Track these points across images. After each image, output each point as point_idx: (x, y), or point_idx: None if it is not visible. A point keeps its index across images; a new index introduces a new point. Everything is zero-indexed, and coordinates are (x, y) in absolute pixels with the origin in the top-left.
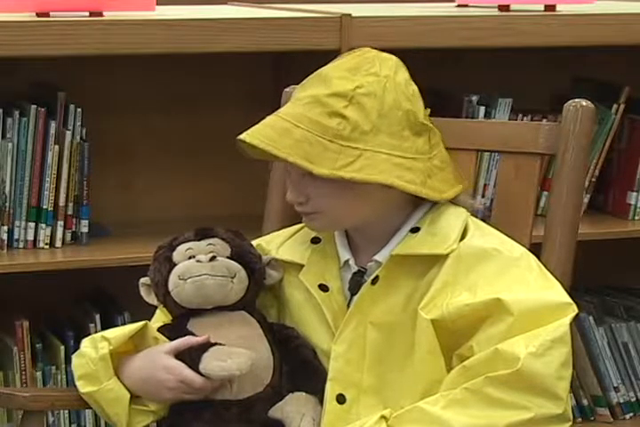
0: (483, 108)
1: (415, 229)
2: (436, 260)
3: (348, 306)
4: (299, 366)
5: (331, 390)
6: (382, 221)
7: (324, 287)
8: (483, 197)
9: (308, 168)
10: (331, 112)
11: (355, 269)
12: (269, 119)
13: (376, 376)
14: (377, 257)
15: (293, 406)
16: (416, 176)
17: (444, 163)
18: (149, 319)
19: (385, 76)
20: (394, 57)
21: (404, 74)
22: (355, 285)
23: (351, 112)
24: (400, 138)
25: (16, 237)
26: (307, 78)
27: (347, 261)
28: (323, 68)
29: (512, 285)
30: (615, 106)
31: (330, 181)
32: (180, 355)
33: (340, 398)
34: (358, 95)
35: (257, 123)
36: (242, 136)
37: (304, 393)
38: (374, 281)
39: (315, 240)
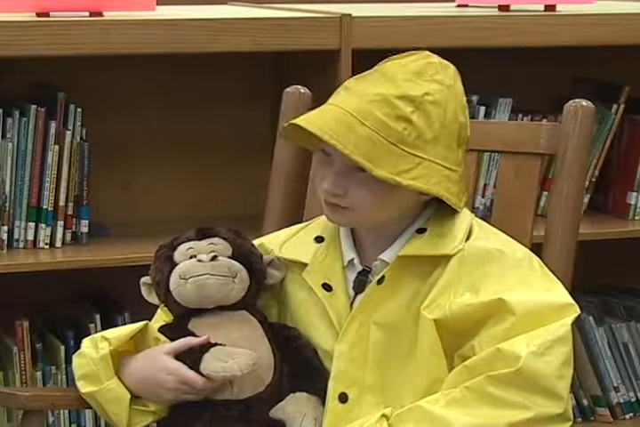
0: (483, 108)
1: (421, 230)
2: (440, 260)
3: (352, 305)
4: (300, 366)
5: (333, 389)
6: (391, 222)
7: (327, 287)
8: (483, 197)
9: (370, 169)
10: (398, 115)
11: (359, 268)
12: (331, 109)
13: (378, 375)
14: (383, 257)
15: (295, 406)
16: (456, 188)
17: (464, 172)
18: (150, 319)
19: (448, 85)
20: (452, 65)
21: (460, 83)
22: (359, 284)
23: (417, 118)
24: (450, 149)
25: (16, 237)
26: (364, 73)
27: (351, 261)
28: (383, 65)
29: (515, 285)
30: (615, 106)
31: (374, 181)
32: (180, 356)
33: (342, 397)
34: (426, 102)
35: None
36: (304, 124)
37: (305, 393)
38: (380, 281)
39: (318, 239)
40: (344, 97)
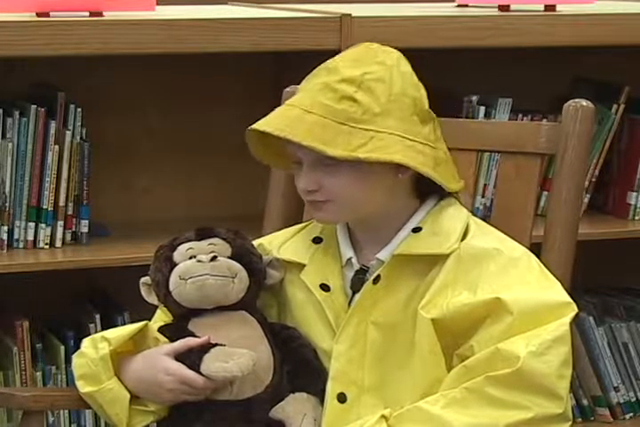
0: (483, 108)
1: (417, 229)
2: (437, 259)
3: (350, 305)
4: (299, 367)
5: (331, 390)
6: (386, 219)
7: (325, 287)
8: (483, 197)
9: (324, 150)
10: (341, 97)
11: (357, 267)
12: (279, 109)
13: (377, 375)
14: (379, 256)
15: (294, 407)
16: (427, 160)
17: (447, 157)
18: (149, 319)
19: (390, 65)
20: (396, 51)
21: (407, 66)
22: (357, 283)
23: (361, 96)
24: (409, 122)
25: (16, 237)
26: (311, 73)
27: (349, 260)
28: (327, 61)
29: (512, 284)
30: (615, 106)
31: (343, 168)
32: (180, 356)
33: (341, 398)
34: (367, 80)
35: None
36: (253, 126)
37: (305, 393)
38: (376, 280)
39: (316, 240)
40: (295, 97)
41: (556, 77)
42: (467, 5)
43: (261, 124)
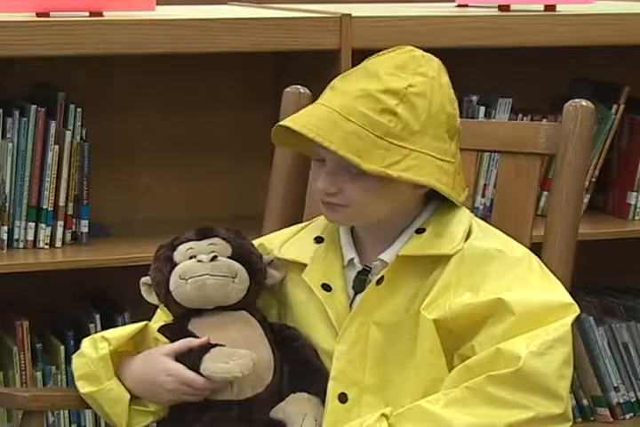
0: (483, 108)
1: (421, 230)
2: (440, 260)
3: (351, 305)
4: (300, 367)
5: (332, 390)
6: (390, 222)
7: (326, 287)
8: (483, 197)
9: (359, 164)
10: (383, 108)
11: (359, 267)
12: (316, 108)
13: (378, 375)
14: (383, 256)
15: (295, 407)
16: (450, 179)
17: (461, 168)
18: (149, 319)
19: (432, 77)
20: (436, 58)
21: (446, 76)
22: (359, 283)
23: (403, 110)
24: (441, 140)
25: (16, 237)
26: (349, 71)
27: (351, 260)
28: (367, 62)
29: (514, 285)
30: (615, 106)
31: (367, 177)
32: (180, 357)
33: (342, 398)
34: (410, 94)
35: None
36: (289, 123)
37: (306, 394)
38: (379, 282)
39: (318, 240)
40: (329, 96)
41: (556, 77)
42: (467, 5)
43: (297, 123)
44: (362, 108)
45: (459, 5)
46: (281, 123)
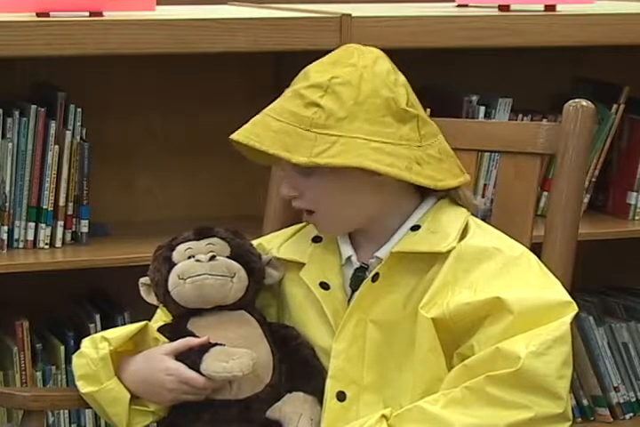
0: (483, 108)
1: (415, 227)
2: (437, 258)
3: (349, 303)
4: (298, 366)
5: (331, 388)
6: (384, 220)
7: (324, 285)
8: (483, 197)
9: (287, 157)
10: (307, 103)
11: (357, 265)
12: (256, 118)
13: (376, 374)
14: (378, 254)
15: (291, 407)
16: (399, 161)
17: (444, 154)
18: (149, 319)
19: (363, 66)
20: (376, 50)
21: (384, 64)
22: (356, 281)
23: (327, 101)
24: (381, 124)
25: (16, 237)
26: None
27: (349, 258)
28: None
29: (512, 283)
30: (615, 106)
31: (317, 175)
32: (179, 356)
33: (340, 396)
34: (334, 85)
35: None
36: (232, 136)
37: (302, 393)
38: (374, 278)
39: (316, 239)
40: (272, 104)
41: (556, 77)
42: (467, 5)
43: (238, 134)
44: (289, 106)
45: (458, 5)
46: (231, 137)
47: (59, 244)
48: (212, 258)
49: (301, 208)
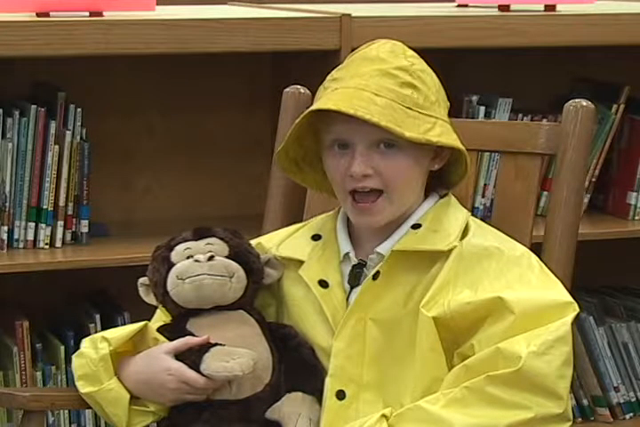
0: (483, 108)
1: (417, 226)
2: (438, 257)
3: (348, 300)
4: (297, 366)
5: (330, 387)
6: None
7: (323, 283)
8: (483, 197)
9: (401, 132)
10: (402, 83)
11: (355, 261)
12: (340, 92)
13: (376, 373)
14: (379, 249)
15: (290, 407)
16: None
17: None
18: (149, 319)
19: (419, 57)
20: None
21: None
22: (354, 277)
23: (418, 83)
24: (446, 111)
25: (16, 237)
26: (341, 66)
27: (347, 254)
28: (356, 54)
29: (513, 283)
30: (615, 106)
31: (398, 154)
32: (180, 356)
33: (340, 395)
34: (416, 70)
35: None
36: (319, 105)
37: (300, 393)
38: (375, 276)
39: (315, 237)
40: (342, 83)
41: (556, 77)
42: (467, 5)
43: (331, 103)
44: (385, 84)
45: (459, 5)
46: (313, 107)
47: (59, 244)
48: (211, 258)
49: (368, 188)
